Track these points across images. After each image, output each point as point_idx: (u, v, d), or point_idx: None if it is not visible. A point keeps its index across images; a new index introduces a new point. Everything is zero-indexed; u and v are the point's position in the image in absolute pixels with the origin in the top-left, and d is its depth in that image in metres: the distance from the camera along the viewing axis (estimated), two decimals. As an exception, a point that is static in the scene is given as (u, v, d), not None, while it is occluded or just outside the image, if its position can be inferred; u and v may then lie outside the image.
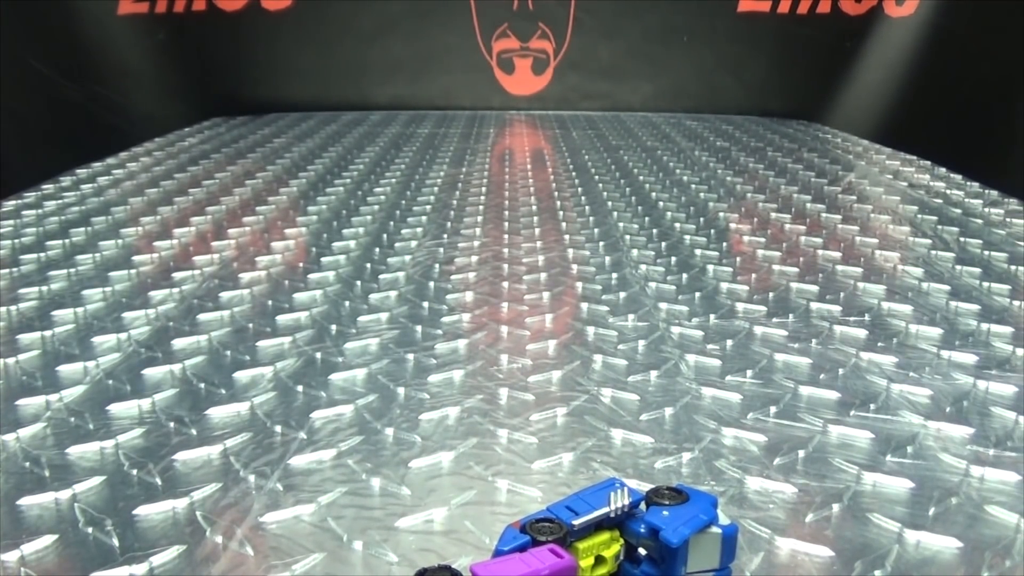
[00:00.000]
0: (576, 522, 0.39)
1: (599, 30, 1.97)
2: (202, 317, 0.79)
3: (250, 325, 0.77)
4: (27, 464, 0.54)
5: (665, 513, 0.40)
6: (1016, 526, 0.48)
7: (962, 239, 1.04)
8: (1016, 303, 0.83)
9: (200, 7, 1.84)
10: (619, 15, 1.95)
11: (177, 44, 1.78)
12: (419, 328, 0.76)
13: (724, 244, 1.03)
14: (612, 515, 0.39)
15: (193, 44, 1.82)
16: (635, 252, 0.99)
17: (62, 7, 1.53)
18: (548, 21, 1.98)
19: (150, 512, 0.49)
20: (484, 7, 1.97)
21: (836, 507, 0.50)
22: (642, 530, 0.40)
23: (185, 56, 1.80)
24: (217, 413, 0.61)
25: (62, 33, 1.52)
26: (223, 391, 0.64)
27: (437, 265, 0.93)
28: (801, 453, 0.55)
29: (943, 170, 1.43)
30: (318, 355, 0.70)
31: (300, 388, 0.64)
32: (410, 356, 0.70)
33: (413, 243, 1.01)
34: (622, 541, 0.40)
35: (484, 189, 1.33)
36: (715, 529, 0.40)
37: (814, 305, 0.82)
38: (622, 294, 0.85)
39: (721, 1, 1.94)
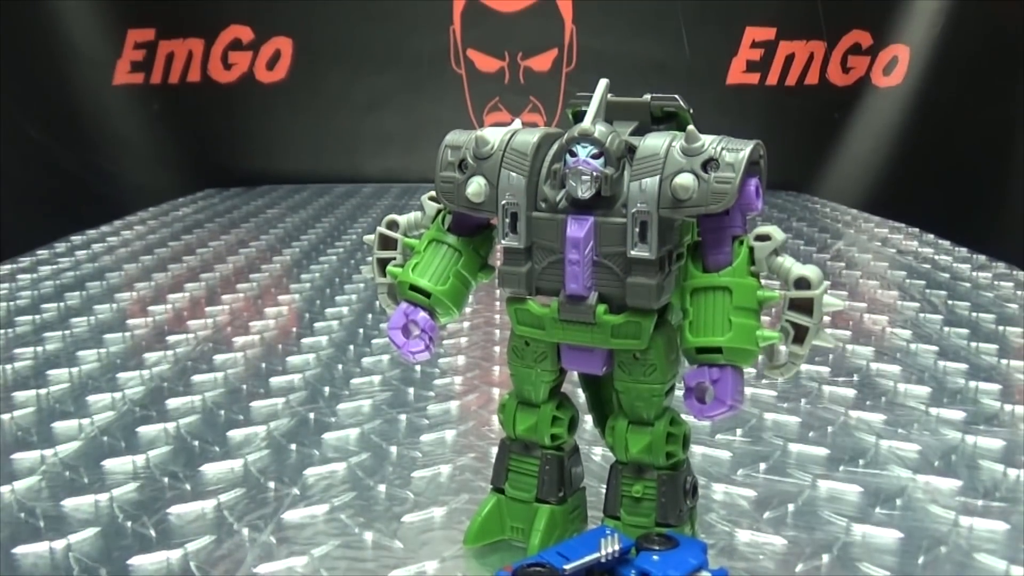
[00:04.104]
0: (567, 567, 0.39)
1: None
2: (196, 378, 0.79)
3: (244, 386, 0.77)
4: (22, 515, 0.54)
5: (655, 558, 0.40)
6: (1005, 573, 0.48)
7: (950, 302, 1.05)
8: (1003, 361, 0.83)
9: (195, 79, 1.85)
10: (609, 89, 1.96)
11: (172, 115, 1.80)
12: (411, 390, 0.76)
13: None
14: (603, 560, 0.40)
15: (187, 115, 1.83)
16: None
17: (59, 76, 1.54)
18: (539, 94, 1.99)
19: (144, 562, 0.49)
20: (476, 81, 1.98)
21: (826, 557, 0.50)
22: (632, 575, 0.40)
23: (179, 127, 1.81)
24: (211, 469, 0.61)
25: (58, 102, 1.53)
26: (217, 448, 0.64)
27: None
28: (791, 507, 0.56)
29: (931, 236, 1.44)
30: (311, 415, 0.70)
31: (293, 446, 0.65)
32: (402, 416, 0.70)
33: (406, 308, 1.02)
34: (613, 586, 0.40)
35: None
36: (705, 574, 0.40)
37: (803, 366, 0.82)
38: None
39: (710, 74, 1.96)
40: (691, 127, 0.41)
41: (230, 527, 0.53)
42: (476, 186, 0.42)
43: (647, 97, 0.44)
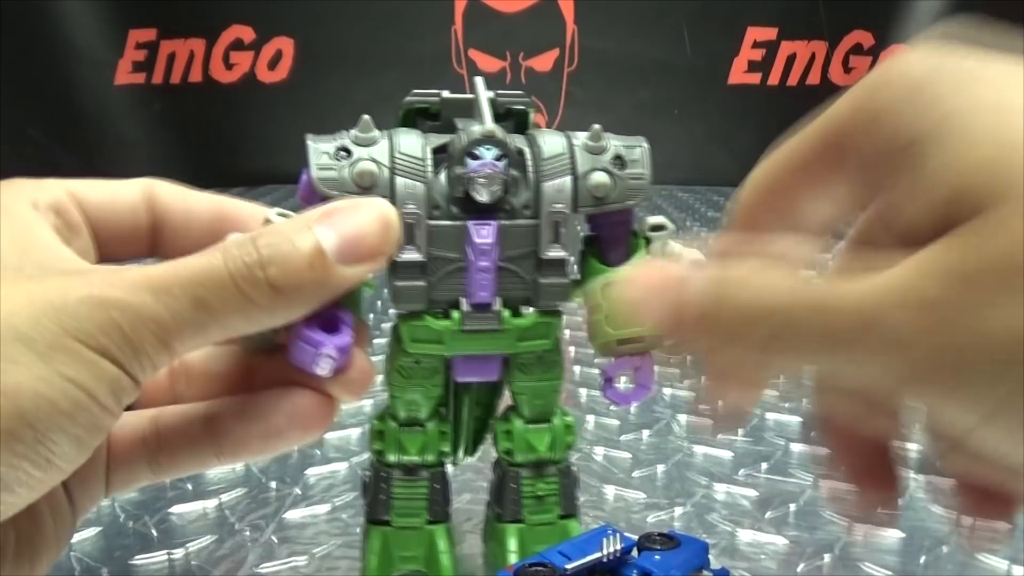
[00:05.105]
0: (569, 567, 0.39)
1: (591, 103, 1.98)
2: (197, 378, 0.79)
3: (245, 386, 0.77)
4: (23, 516, 0.54)
5: (657, 558, 0.40)
6: (1006, 573, 0.48)
7: (951, 303, 1.05)
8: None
9: (196, 79, 1.85)
10: (611, 89, 1.97)
11: (173, 115, 1.80)
12: (413, 389, 0.76)
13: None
14: (604, 560, 0.40)
15: (189, 115, 1.83)
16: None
17: (60, 76, 1.54)
18: (540, 95, 1.99)
19: (146, 562, 0.49)
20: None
21: (827, 557, 0.50)
22: (634, 575, 0.40)
23: (181, 127, 1.81)
24: (213, 470, 0.61)
25: (60, 102, 1.53)
26: (218, 448, 0.64)
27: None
28: (792, 506, 0.56)
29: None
30: (313, 414, 0.70)
31: (295, 447, 0.65)
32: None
33: (407, 308, 1.02)
34: (614, 586, 0.40)
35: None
36: (706, 573, 0.40)
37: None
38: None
39: (712, 74, 1.96)
40: (596, 126, 0.41)
41: (231, 527, 0.53)
42: (364, 166, 0.38)
43: (491, 94, 0.42)
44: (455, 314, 0.40)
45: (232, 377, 0.35)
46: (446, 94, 0.42)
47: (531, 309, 0.41)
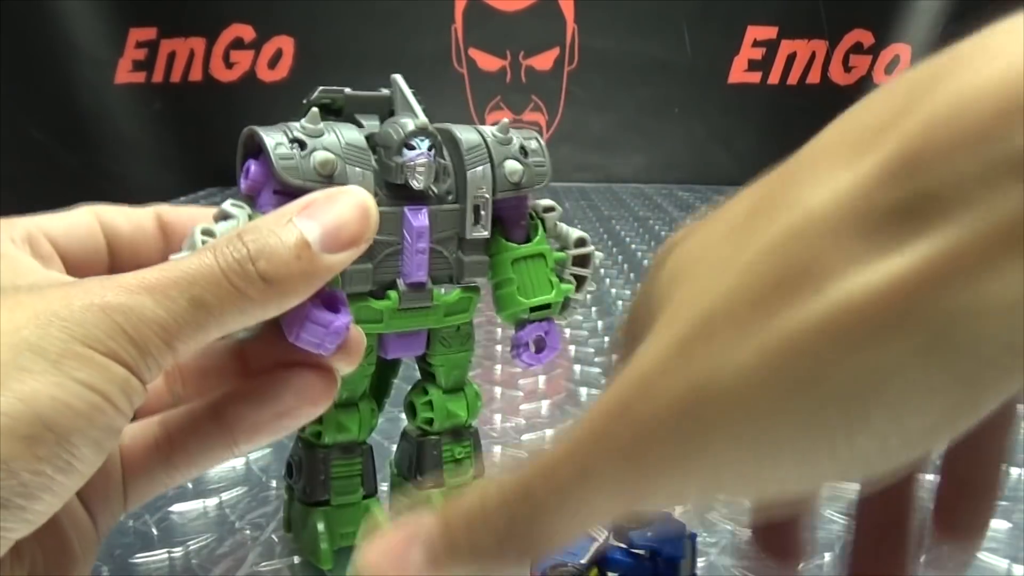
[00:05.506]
0: (583, 560, 0.39)
1: (591, 102, 1.98)
2: (198, 377, 0.79)
3: (245, 385, 0.77)
4: (24, 514, 0.54)
5: (649, 534, 0.40)
6: (1007, 571, 0.48)
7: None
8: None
9: (197, 78, 1.85)
10: (611, 88, 1.97)
11: (174, 114, 1.80)
12: (413, 388, 0.76)
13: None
14: (604, 544, 0.40)
15: (189, 114, 1.83)
16: (627, 317, 0.99)
17: (61, 75, 1.54)
18: (541, 94, 1.99)
19: (146, 560, 0.49)
20: (478, 80, 1.98)
21: (828, 555, 0.50)
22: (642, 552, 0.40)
23: (181, 126, 1.81)
24: (213, 468, 0.61)
25: (60, 101, 1.53)
26: (218, 447, 0.64)
27: (431, 328, 0.93)
28: (793, 505, 0.56)
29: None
30: (313, 413, 0.70)
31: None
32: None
33: (407, 307, 1.02)
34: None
35: (478, 256, 1.33)
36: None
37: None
38: (614, 356, 0.85)
39: (712, 73, 1.97)
40: (504, 120, 0.45)
41: (232, 525, 0.53)
42: (325, 156, 0.41)
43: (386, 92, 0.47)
44: (392, 294, 0.43)
45: (226, 369, 0.37)
46: (348, 91, 0.45)
47: (446, 287, 0.45)
